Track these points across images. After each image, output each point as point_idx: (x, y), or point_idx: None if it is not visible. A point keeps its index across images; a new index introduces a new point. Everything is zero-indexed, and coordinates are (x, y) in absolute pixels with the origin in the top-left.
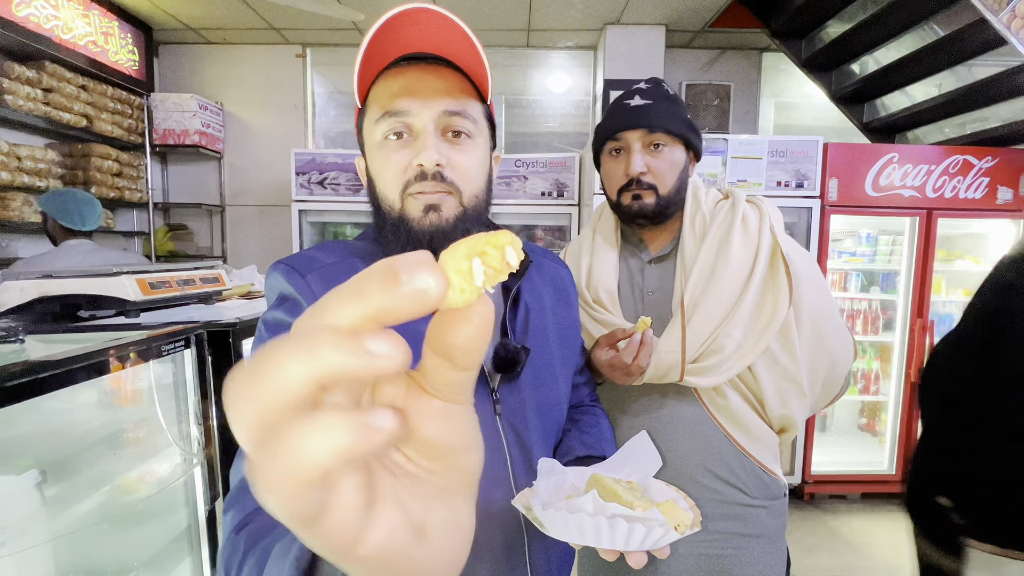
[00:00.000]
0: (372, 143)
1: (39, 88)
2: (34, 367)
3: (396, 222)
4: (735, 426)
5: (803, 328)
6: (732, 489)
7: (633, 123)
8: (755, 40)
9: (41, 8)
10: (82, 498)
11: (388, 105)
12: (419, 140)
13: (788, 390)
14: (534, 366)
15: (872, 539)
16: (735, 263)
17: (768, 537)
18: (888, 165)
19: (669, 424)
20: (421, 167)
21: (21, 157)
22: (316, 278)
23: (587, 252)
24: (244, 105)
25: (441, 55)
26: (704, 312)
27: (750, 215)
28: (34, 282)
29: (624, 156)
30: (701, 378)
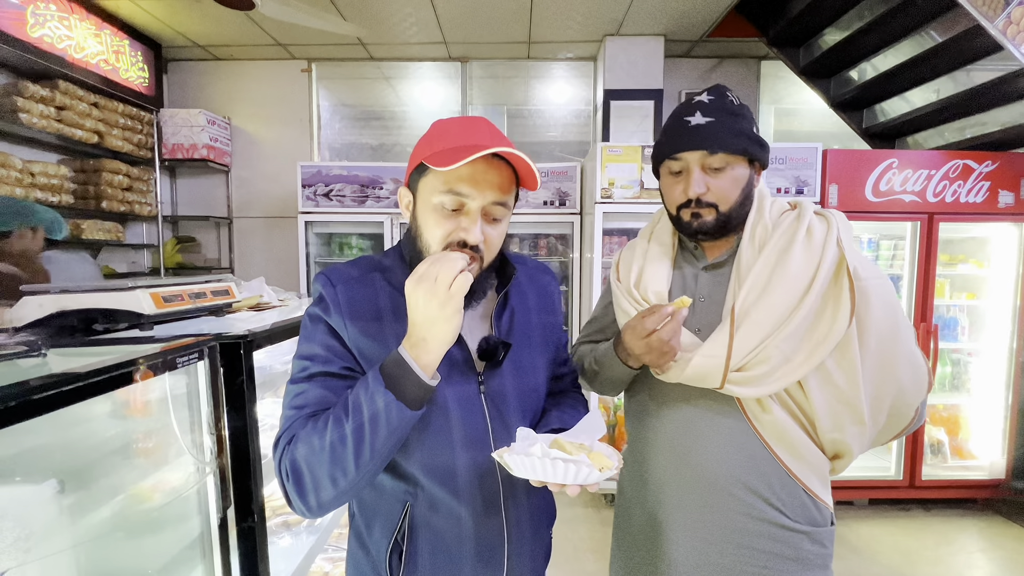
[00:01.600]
0: (429, 199)
1: (52, 106)
2: (60, 380)
3: None
4: (780, 443)
5: (868, 350)
6: (770, 508)
7: (693, 144)
8: (753, 49)
9: (55, 28)
10: (98, 507)
11: (455, 185)
12: (467, 217)
13: (842, 413)
14: (516, 357)
15: (880, 546)
16: (793, 274)
17: (807, 563)
18: (888, 170)
19: (707, 432)
20: (464, 240)
21: (35, 173)
22: (342, 288)
23: (640, 258)
24: (251, 119)
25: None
26: (755, 320)
27: (816, 227)
28: (52, 297)
29: (683, 176)
30: (743, 388)
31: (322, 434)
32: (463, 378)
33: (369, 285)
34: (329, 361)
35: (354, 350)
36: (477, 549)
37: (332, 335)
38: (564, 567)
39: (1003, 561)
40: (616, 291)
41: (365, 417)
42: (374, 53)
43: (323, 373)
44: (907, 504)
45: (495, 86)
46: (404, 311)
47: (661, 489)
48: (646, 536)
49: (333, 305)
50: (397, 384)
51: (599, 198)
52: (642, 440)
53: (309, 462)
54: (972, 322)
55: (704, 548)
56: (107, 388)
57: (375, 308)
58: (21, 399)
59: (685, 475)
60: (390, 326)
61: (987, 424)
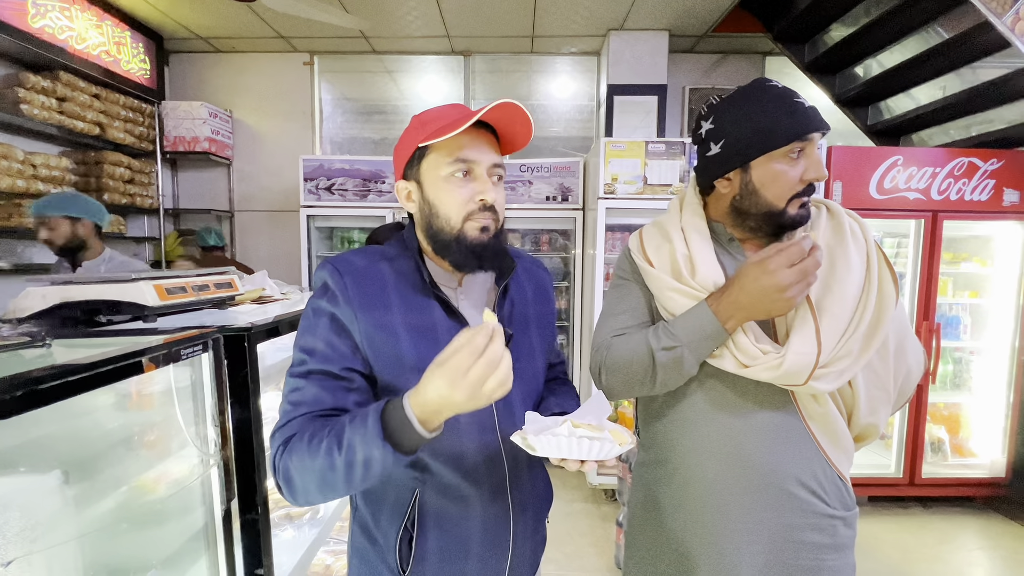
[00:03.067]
0: (437, 176)
1: (54, 97)
2: (64, 370)
3: (453, 239)
4: (825, 434)
5: (891, 336)
6: (815, 499)
7: (819, 124)
8: (758, 44)
9: (56, 19)
10: (103, 498)
11: (458, 153)
12: (478, 181)
13: (878, 397)
14: (517, 345)
15: (879, 543)
16: (855, 267)
17: (841, 548)
18: (893, 168)
19: (763, 431)
20: (483, 201)
21: (36, 165)
22: (350, 278)
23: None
24: (253, 112)
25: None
26: (834, 314)
27: (855, 226)
28: (56, 288)
29: (803, 159)
30: (822, 383)
31: (314, 457)
32: None
33: (377, 275)
34: (328, 359)
35: (364, 341)
36: (484, 532)
37: (336, 329)
38: (564, 561)
39: (1003, 559)
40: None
41: (358, 458)
42: (376, 46)
43: (321, 372)
44: (906, 502)
45: (498, 80)
46: (412, 302)
47: (712, 490)
48: (684, 540)
49: (342, 296)
50: (396, 436)
51: (602, 193)
52: (680, 441)
53: (301, 476)
54: (974, 320)
55: (770, 548)
56: (112, 379)
57: (385, 299)
58: (26, 389)
59: (742, 475)
60: (400, 317)
61: (988, 422)
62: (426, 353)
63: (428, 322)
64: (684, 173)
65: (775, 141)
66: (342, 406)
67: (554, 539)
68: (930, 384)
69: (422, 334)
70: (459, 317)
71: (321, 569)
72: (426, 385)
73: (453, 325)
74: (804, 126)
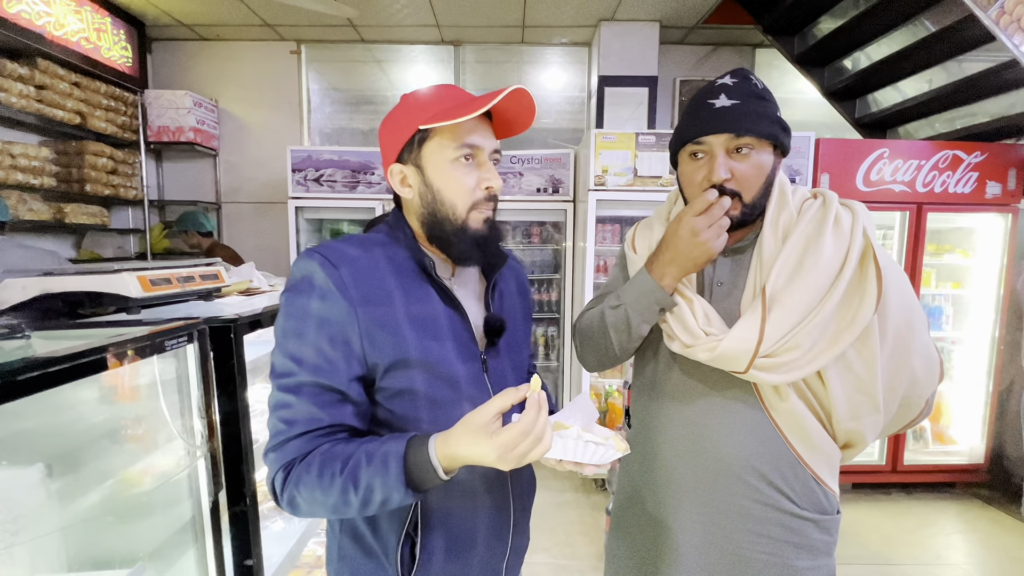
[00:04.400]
0: (443, 160)
1: (32, 85)
2: (41, 362)
3: (458, 228)
4: (795, 432)
5: (886, 339)
6: (780, 495)
7: (718, 127)
8: (748, 36)
9: (33, 4)
10: (88, 491)
11: (465, 138)
12: (483, 167)
13: (861, 403)
14: (508, 336)
15: (862, 528)
16: (825, 260)
17: (813, 550)
18: (879, 160)
19: (721, 416)
20: (489, 189)
21: (15, 155)
22: (347, 271)
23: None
24: (239, 102)
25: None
26: (787, 305)
27: (843, 216)
28: (35, 279)
29: (706, 161)
30: (767, 374)
31: (327, 493)
32: (471, 357)
33: (375, 265)
34: (321, 370)
35: (364, 339)
36: (490, 523)
37: (330, 334)
38: (555, 551)
39: (979, 543)
40: (635, 262)
41: (376, 498)
42: (365, 35)
43: (313, 384)
44: (889, 488)
45: (488, 71)
46: (414, 292)
47: (671, 471)
48: (652, 517)
49: (340, 290)
50: (417, 480)
51: (592, 185)
52: (652, 421)
53: (310, 506)
54: (956, 311)
55: (711, 531)
56: (91, 371)
57: (386, 291)
58: (3, 381)
59: (696, 458)
60: (403, 309)
61: (968, 410)
62: (430, 346)
63: (430, 312)
64: None
65: (675, 142)
66: (340, 422)
67: (544, 528)
68: None
69: (425, 326)
70: (458, 307)
71: (312, 560)
72: (460, 447)
73: (453, 315)
74: (698, 129)
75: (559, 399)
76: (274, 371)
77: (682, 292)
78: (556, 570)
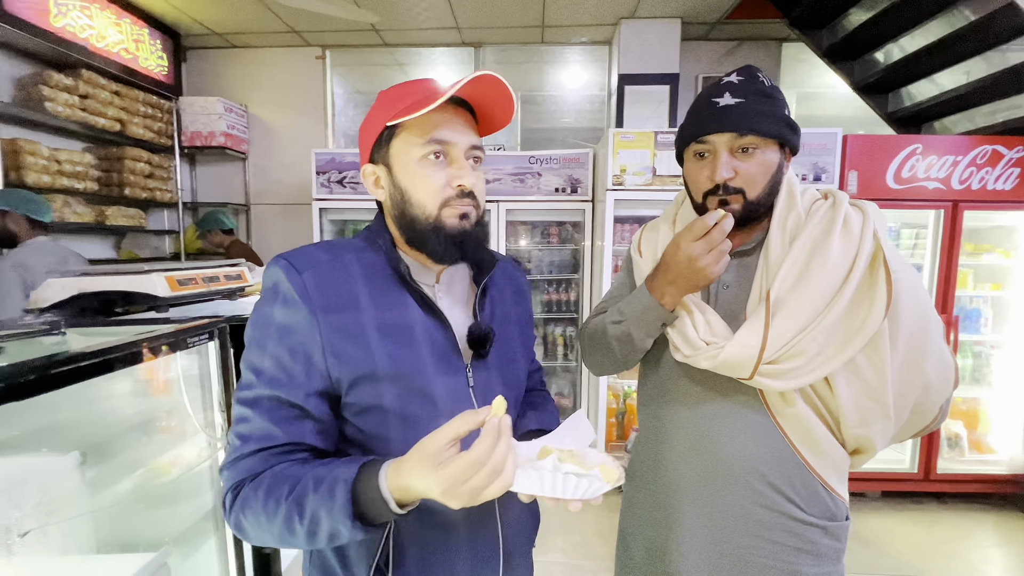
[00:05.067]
0: (410, 159)
1: (76, 95)
2: (75, 357)
3: (430, 228)
4: (801, 437)
5: (897, 345)
6: (786, 501)
7: (721, 126)
8: (774, 30)
9: (77, 18)
10: (119, 478)
11: (432, 133)
12: (455, 164)
13: (871, 409)
14: (500, 347)
15: (891, 538)
16: (832, 264)
17: (820, 556)
18: (911, 157)
19: (728, 425)
20: (461, 187)
21: (61, 161)
22: (311, 276)
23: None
24: (267, 107)
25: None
26: (791, 311)
27: (853, 217)
28: (74, 279)
29: (710, 160)
30: (772, 380)
31: (271, 520)
32: (451, 370)
33: (342, 270)
34: (277, 383)
35: (326, 349)
36: (473, 560)
37: (290, 345)
38: (571, 551)
39: (1019, 557)
40: (640, 266)
41: (323, 529)
42: (387, 39)
43: (270, 398)
44: (921, 497)
45: (508, 72)
46: (385, 298)
47: (676, 474)
48: (658, 520)
49: (302, 297)
50: (368, 513)
51: (611, 185)
52: (659, 425)
53: (256, 531)
54: (996, 313)
55: (716, 535)
56: (120, 365)
57: (352, 296)
58: (39, 374)
59: (702, 462)
60: (370, 316)
61: (1008, 418)
62: (401, 357)
63: (403, 320)
64: None
65: (679, 141)
66: (298, 440)
67: (559, 529)
68: None
69: (396, 335)
70: (439, 315)
71: None
72: (412, 478)
73: (432, 324)
74: (701, 128)
75: (577, 399)
76: (239, 381)
77: (683, 303)
78: (571, 570)
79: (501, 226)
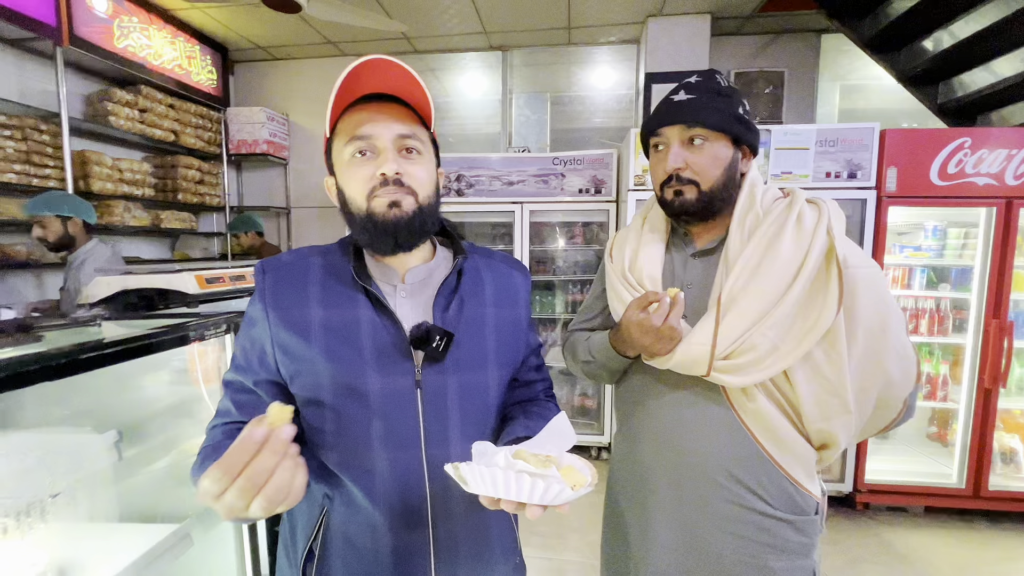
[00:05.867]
0: (342, 162)
1: (136, 109)
2: (98, 345)
3: (365, 220)
4: (765, 433)
5: (855, 340)
6: (754, 497)
7: (672, 118)
8: (811, 22)
9: (137, 39)
10: (150, 456)
11: (354, 132)
12: (380, 156)
13: (831, 404)
14: (461, 351)
15: (932, 556)
16: (782, 261)
17: (790, 551)
18: (959, 151)
19: (694, 422)
20: (384, 176)
21: (123, 170)
22: (271, 275)
23: (634, 240)
24: (306, 115)
25: (394, 95)
26: (741, 308)
27: (807, 214)
28: (118, 278)
29: (664, 151)
30: (730, 376)
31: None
32: (394, 368)
33: (301, 271)
34: (239, 368)
35: (274, 343)
36: (395, 569)
37: (251, 336)
38: (587, 551)
39: None
40: (610, 272)
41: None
42: (418, 46)
43: (234, 382)
44: (969, 515)
45: (536, 73)
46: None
47: (648, 472)
48: (634, 517)
49: (259, 294)
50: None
51: (632, 185)
52: (632, 424)
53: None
54: None
55: (687, 531)
56: (138, 354)
57: (302, 294)
58: (69, 359)
59: (671, 460)
60: (316, 313)
61: None
62: (339, 353)
63: (349, 318)
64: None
65: (642, 138)
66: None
67: (576, 527)
68: (1001, 389)
69: (338, 332)
70: (390, 315)
71: None
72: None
73: (381, 323)
74: (656, 121)
75: (602, 400)
76: None
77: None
78: (586, 570)
79: (525, 227)
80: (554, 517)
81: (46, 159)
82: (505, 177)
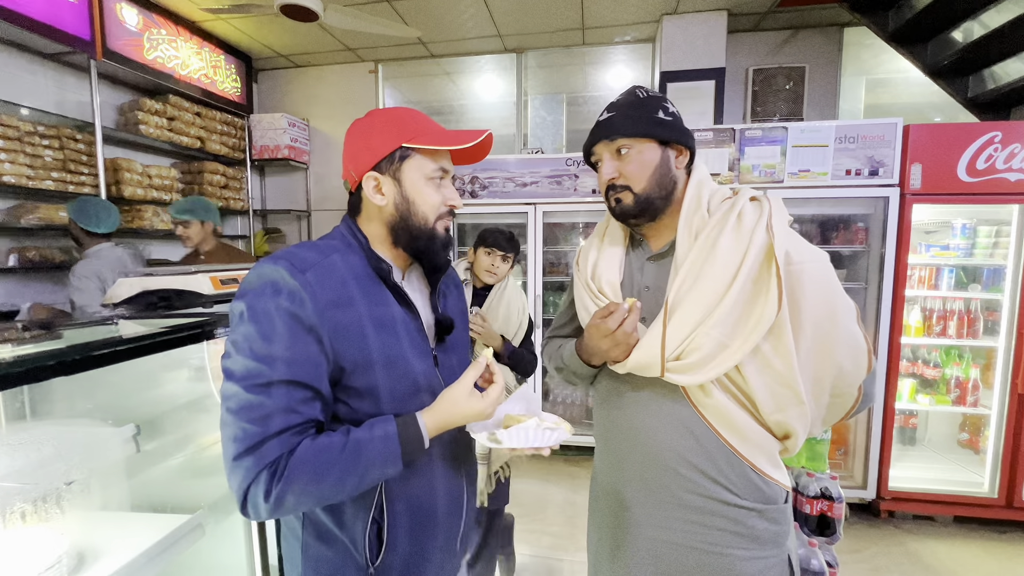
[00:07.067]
0: (420, 179)
1: (164, 117)
2: (108, 342)
3: (429, 234)
4: (725, 426)
5: (803, 333)
6: (717, 486)
7: (597, 137)
8: (833, 15)
9: (166, 51)
10: (166, 449)
11: (441, 162)
12: (451, 187)
13: (783, 395)
14: (454, 335)
15: (960, 567)
16: (722, 261)
17: (760, 540)
18: (989, 146)
19: (655, 415)
20: (453, 206)
21: (152, 176)
22: (313, 275)
23: (595, 248)
24: (326, 120)
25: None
26: (686, 310)
27: (748, 213)
28: (139, 279)
29: (601, 166)
30: (683, 376)
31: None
32: (424, 354)
33: (334, 269)
34: (293, 367)
35: (329, 341)
36: (448, 497)
37: (302, 332)
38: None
39: None
40: (577, 282)
41: (371, 478)
42: (434, 51)
43: (287, 382)
44: (1002, 526)
45: (551, 75)
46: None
47: (620, 467)
48: (611, 509)
49: (308, 293)
50: (408, 455)
51: None
52: (606, 422)
53: (300, 499)
54: None
55: (657, 522)
56: (149, 351)
57: (348, 294)
58: (83, 355)
59: (637, 455)
60: (364, 311)
61: None
62: (390, 347)
63: (389, 314)
64: (734, 161)
65: (585, 159)
66: (312, 418)
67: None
68: None
69: (385, 327)
70: (412, 308)
71: None
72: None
73: (407, 316)
74: (588, 143)
75: None
76: (234, 375)
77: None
78: None
79: (538, 228)
80: (567, 518)
81: (81, 166)
82: (519, 178)
